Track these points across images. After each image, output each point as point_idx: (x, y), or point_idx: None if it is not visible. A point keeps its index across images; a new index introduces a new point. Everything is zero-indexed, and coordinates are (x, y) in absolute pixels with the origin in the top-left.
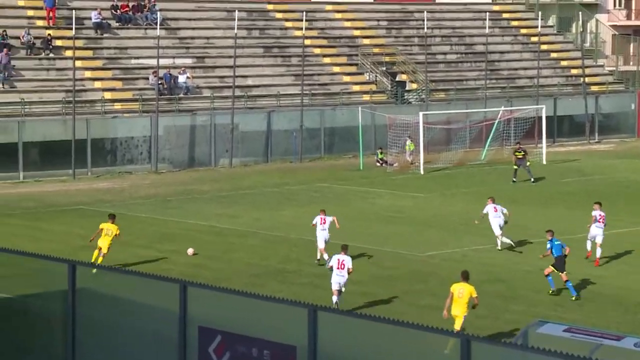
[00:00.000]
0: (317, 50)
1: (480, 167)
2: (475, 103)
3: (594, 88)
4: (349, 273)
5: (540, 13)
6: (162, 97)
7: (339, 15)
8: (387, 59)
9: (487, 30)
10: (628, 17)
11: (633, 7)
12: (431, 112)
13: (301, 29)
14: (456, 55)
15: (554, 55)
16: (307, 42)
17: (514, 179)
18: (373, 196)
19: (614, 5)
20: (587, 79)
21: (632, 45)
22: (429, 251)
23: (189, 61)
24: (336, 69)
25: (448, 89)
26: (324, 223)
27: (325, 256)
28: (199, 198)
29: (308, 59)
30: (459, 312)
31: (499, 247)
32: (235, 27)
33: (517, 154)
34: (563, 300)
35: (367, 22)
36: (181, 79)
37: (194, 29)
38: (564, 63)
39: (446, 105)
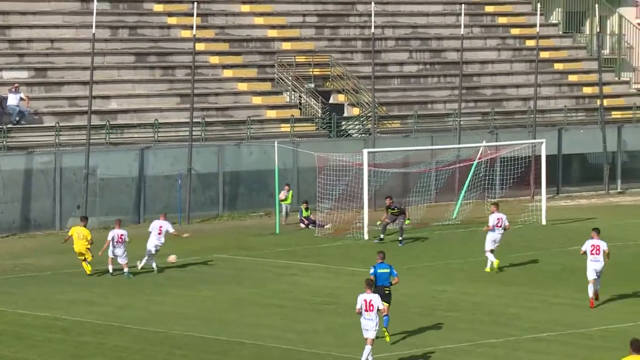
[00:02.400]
0: (214, 59)
1: (452, 230)
2: (445, 136)
3: (616, 115)
4: (379, 313)
5: (539, 6)
6: None
7: (246, 8)
8: (316, 71)
9: (462, 31)
10: None
11: None
12: (381, 149)
13: (191, 27)
14: (417, 66)
15: (558, 66)
16: (200, 46)
17: (382, 237)
18: (295, 272)
19: None
20: (606, 102)
21: None
22: (376, 353)
23: (23, 75)
24: (242, 87)
25: (405, 115)
26: (160, 234)
27: (153, 264)
28: (36, 277)
29: (200, 71)
30: None
31: None
32: (94, 24)
33: (391, 211)
34: None
35: (287, 18)
36: (12, 100)
37: (30, 27)
38: (572, 78)
39: (403, 140)
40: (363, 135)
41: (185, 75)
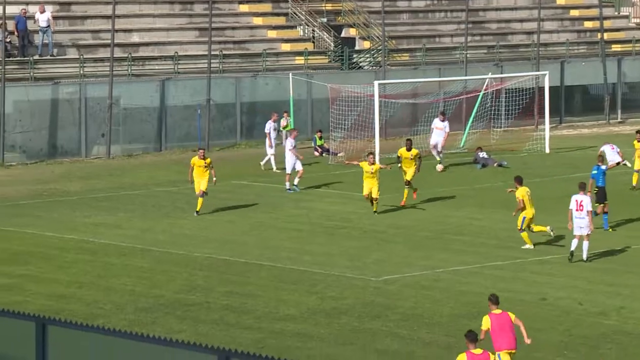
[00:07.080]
0: None
1: (459, 157)
2: (452, 69)
3: (616, 48)
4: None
5: None
6: (11, 59)
7: None
8: (329, 6)
9: None
10: None
11: None
12: (390, 80)
13: None
14: (425, 1)
15: (560, 1)
16: None
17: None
18: (310, 198)
19: None
20: (606, 36)
21: None
22: (386, 275)
23: (48, 9)
24: (257, 21)
25: (414, 48)
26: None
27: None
28: (64, 201)
29: (218, 6)
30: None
31: None
32: None
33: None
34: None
35: None
36: (42, 20)
37: None
38: (574, 13)
39: (411, 72)
40: (374, 67)
41: (203, 10)
